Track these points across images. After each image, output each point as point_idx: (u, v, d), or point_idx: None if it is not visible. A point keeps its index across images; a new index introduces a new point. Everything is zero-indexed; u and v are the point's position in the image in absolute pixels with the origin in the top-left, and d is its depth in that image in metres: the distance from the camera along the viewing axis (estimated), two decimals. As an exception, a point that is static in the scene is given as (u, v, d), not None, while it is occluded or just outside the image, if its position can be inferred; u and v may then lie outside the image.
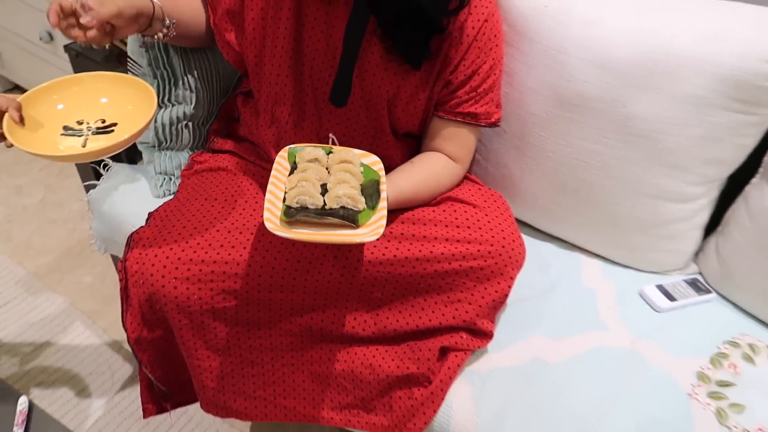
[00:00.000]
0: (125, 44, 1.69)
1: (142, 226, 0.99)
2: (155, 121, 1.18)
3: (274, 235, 0.87)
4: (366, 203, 0.86)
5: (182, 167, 1.21)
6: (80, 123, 0.92)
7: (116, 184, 1.27)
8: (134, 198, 1.24)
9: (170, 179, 1.24)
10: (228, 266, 0.91)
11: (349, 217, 0.83)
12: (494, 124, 1.06)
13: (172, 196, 1.15)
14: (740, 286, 1.10)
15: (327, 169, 0.90)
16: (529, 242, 1.06)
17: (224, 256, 0.91)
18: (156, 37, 1.00)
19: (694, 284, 1.14)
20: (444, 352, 0.97)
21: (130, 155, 1.38)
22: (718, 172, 1.08)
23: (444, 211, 0.99)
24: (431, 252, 0.94)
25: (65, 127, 0.91)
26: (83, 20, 0.85)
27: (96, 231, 1.29)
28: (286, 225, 0.82)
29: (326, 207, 0.83)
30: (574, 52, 1.05)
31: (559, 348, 1.00)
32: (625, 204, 1.11)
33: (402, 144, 1.08)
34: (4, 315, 1.50)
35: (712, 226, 1.17)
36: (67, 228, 1.77)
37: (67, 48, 1.73)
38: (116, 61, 1.67)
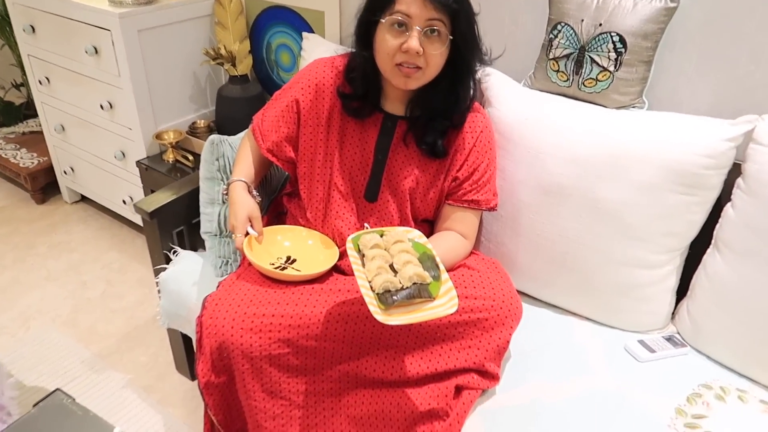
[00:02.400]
0: (187, 159, 2.04)
1: (213, 291, 1.24)
2: (218, 215, 1.47)
3: (318, 296, 1.14)
4: (429, 274, 1.08)
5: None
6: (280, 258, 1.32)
7: (182, 267, 1.53)
8: (198, 279, 1.50)
9: (227, 262, 1.50)
10: (284, 318, 1.14)
11: (427, 293, 1.05)
12: (492, 209, 1.34)
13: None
14: (710, 340, 1.30)
15: (386, 249, 1.14)
16: (528, 309, 1.28)
17: (280, 311, 1.15)
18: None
19: (671, 339, 1.34)
20: (458, 390, 1.17)
21: (193, 243, 1.66)
22: (677, 243, 1.32)
23: (454, 275, 1.24)
24: (445, 309, 1.17)
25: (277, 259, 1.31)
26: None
27: (163, 308, 1.54)
28: (386, 313, 1.02)
29: (403, 287, 1.05)
30: (551, 152, 1.35)
31: (555, 390, 1.19)
32: (604, 271, 1.34)
33: (420, 228, 1.35)
34: (71, 390, 1.70)
35: (684, 292, 1.38)
36: (125, 316, 2.01)
37: (138, 163, 2.09)
38: (175, 173, 2.01)
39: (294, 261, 1.32)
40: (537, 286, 1.45)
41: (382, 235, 1.17)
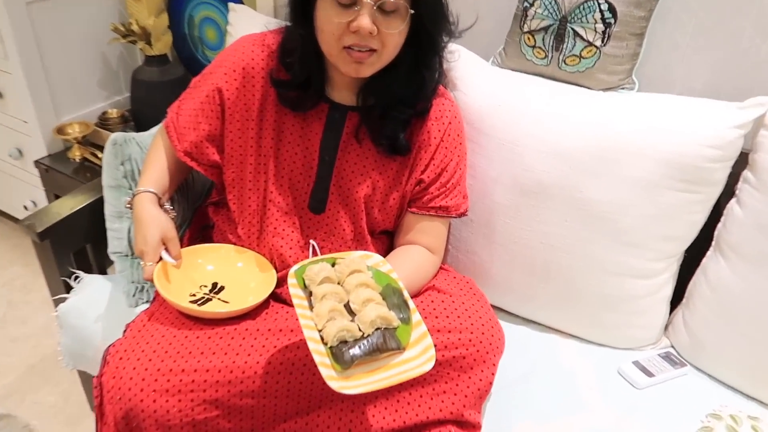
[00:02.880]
0: (96, 156, 1.73)
1: (118, 339, 0.97)
2: (129, 231, 1.19)
3: (254, 340, 0.90)
4: (396, 315, 0.85)
5: (156, 275, 1.21)
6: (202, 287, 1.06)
7: (87, 295, 1.25)
8: (106, 309, 1.22)
9: (143, 288, 1.22)
10: (209, 374, 0.89)
11: (394, 342, 0.82)
12: (463, 214, 1.11)
13: (147, 305, 1.14)
14: (712, 357, 1.13)
15: (339, 282, 0.90)
16: (505, 326, 1.07)
17: (205, 364, 0.90)
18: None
19: (668, 358, 1.17)
20: (433, 448, 0.95)
21: (101, 264, 1.37)
22: (675, 248, 1.14)
23: (422, 302, 1.01)
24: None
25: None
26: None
27: (65, 346, 1.25)
28: (343, 377, 0.79)
29: (363, 335, 0.82)
30: (529, 144, 1.13)
31: (547, 434, 1.00)
32: (592, 282, 1.15)
33: (378, 242, 1.12)
34: (-41, 445, 1.40)
35: (675, 298, 1.21)
36: (29, 345, 1.70)
37: (37, 163, 1.76)
38: (84, 173, 1.70)
39: (221, 289, 1.06)
40: (515, 301, 1.25)
41: (333, 264, 0.93)
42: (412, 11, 0.90)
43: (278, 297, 1.09)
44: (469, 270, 1.25)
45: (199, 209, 1.28)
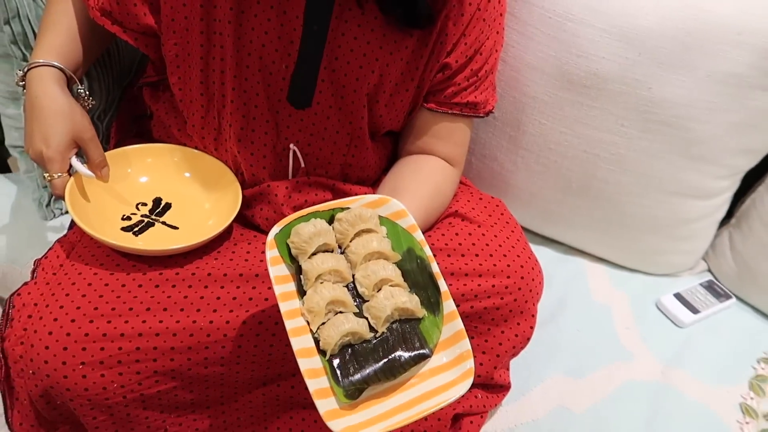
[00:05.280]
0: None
1: (25, 284, 0.69)
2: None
3: (220, 289, 0.67)
4: (421, 301, 0.59)
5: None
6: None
7: (-17, 203, 0.94)
8: (11, 221, 0.92)
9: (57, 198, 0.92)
10: (160, 338, 0.64)
11: (416, 340, 0.57)
12: (491, 112, 0.83)
13: (66, 215, 0.85)
14: (764, 289, 0.97)
15: (340, 245, 0.62)
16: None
17: (153, 324, 0.64)
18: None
19: (711, 288, 1.00)
20: (456, 419, 0.76)
21: (2, 162, 1.04)
22: (747, 163, 0.92)
23: (443, 234, 0.76)
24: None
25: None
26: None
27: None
28: (348, 407, 0.54)
29: (376, 335, 0.57)
30: (587, 20, 0.84)
31: (583, 390, 0.83)
32: (641, 203, 0.93)
33: (379, 146, 0.83)
34: None
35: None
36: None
37: None
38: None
39: (167, 208, 0.78)
40: (538, 219, 1.02)
41: (331, 221, 0.64)
42: None
43: (248, 222, 0.82)
44: (484, 179, 1.01)
45: (128, 90, 0.94)
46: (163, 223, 0.75)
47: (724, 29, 0.80)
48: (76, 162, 0.71)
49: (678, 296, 0.97)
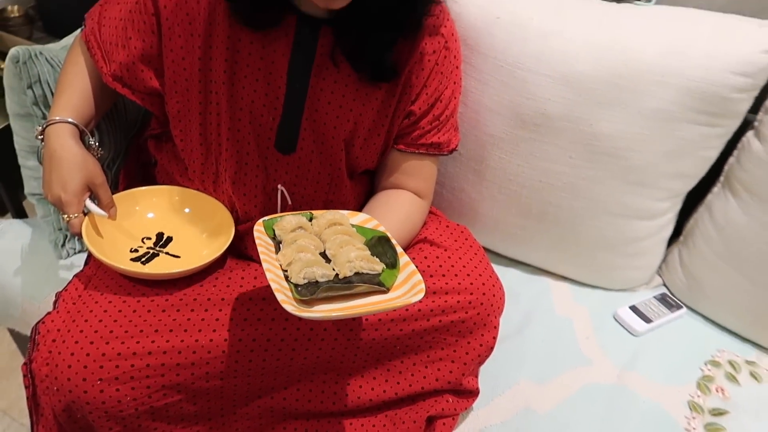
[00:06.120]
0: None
1: (48, 313, 0.79)
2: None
3: (218, 312, 0.75)
4: (382, 262, 0.71)
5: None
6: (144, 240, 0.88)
7: (6, 245, 1.04)
8: (30, 261, 1.02)
9: (73, 237, 1.03)
10: (167, 356, 0.74)
11: (372, 280, 0.68)
12: (454, 150, 0.95)
13: (79, 253, 0.96)
14: (710, 299, 1.07)
15: (318, 237, 0.75)
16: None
17: (161, 344, 0.74)
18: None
19: (664, 300, 1.10)
20: (430, 421, 0.86)
21: (18, 206, 1.15)
22: (683, 186, 1.04)
23: (414, 258, 0.87)
24: (406, 310, 0.82)
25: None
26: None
27: (-18, 306, 1.06)
28: (304, 305, 0.65)
29: (339, 277, 0.68)
30: (533, 68, 0.97)
31: (546, 393, 0.92)
32: (592, 225, 1.04)
33: (358, 185, 0.95)
34: None
35: (672, 236, 1.13)
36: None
37: None
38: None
39: (168, 241, 0.88)
40: (505, 242, 1.13)
41: (311, 219, 0.77)
42: None
43: (242, 253, 0.92)
44: (454, 209, 1.12)
45: (134, 141, 1.06)
46: (167, 253, 0.86)
47: (649, 72, 0.92)
48: (90, 204, 0.82)
49: (633, 308, 1.07)
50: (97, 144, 0.88)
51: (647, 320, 1.05)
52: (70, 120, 0.84)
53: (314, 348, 0.79)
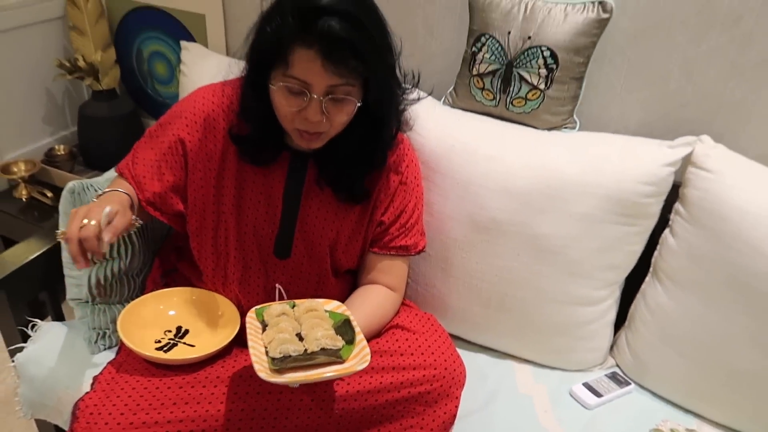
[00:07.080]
0: (45, 195, 1.69)
1: (87, 392, 0.97)
2: (89, 279, 1.18)
3: (225, 387, 0.92)
4: (343, 339, 0.92)
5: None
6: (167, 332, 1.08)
7: (45, 344, 1.23)
8: (67, 357, 1.20)
9: (105, 334, 1.22)
10: (183, 425, 0.91)
11: (334, 354, 0.89)
12: (421, 251, 1.17)
13: (108, 350, 1.14)
14: (654, 376, 1.23)
15: (296, 320, 0.96)
16: (464, 355, 1.12)
17: (178, 414, 0.91)
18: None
19: (614, 378, 1.25)
20: (402, 484, 0.99)
21: (57, 309, 1.35)
22: (617, 276, 1.23)
23: (387, 341, 1.05)
24: (381, 383, 0.99)
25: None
26: (106, 239, 0.89)
27: (23, 396, 1.22)
28: (276, 373, 0.87)
29: (308, 351, 0.88)
30: (482, 183, 1.20)
31: (509, 460, 1.06)
32: (544, 312, 1.23)
33: (341, 282, 1.15)
34: None
35: (619, 321, 1.30)
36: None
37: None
38: (31, 213, 1.66)
39: (185, 333, 1.08)
40: (472, 330, 1.31)
41: (294, 307, 0.98)
42: (360, 104, 0.93)
43: (245, 341, 1.11)
44: (428, 302, 1.31)
45: (160, 253, 1.28)
46: (184, 342, 1.05)
47: (574, 184, 1.15)
48: (105, 210, 0.91)
49: (586, 385, 1.22)
50: (136, 218, 0.99)
51: (598, 395, 1.20)
52: (125, 191, 1.00)
53: (293, 417, 0.95)
